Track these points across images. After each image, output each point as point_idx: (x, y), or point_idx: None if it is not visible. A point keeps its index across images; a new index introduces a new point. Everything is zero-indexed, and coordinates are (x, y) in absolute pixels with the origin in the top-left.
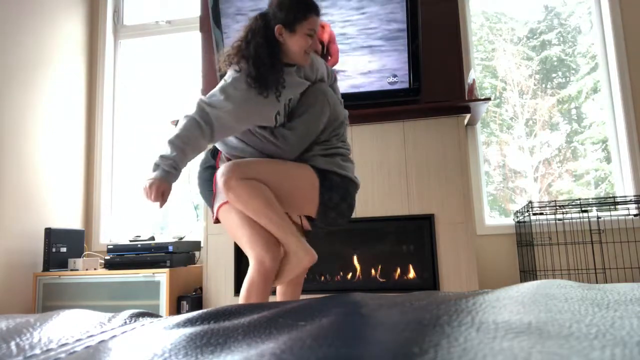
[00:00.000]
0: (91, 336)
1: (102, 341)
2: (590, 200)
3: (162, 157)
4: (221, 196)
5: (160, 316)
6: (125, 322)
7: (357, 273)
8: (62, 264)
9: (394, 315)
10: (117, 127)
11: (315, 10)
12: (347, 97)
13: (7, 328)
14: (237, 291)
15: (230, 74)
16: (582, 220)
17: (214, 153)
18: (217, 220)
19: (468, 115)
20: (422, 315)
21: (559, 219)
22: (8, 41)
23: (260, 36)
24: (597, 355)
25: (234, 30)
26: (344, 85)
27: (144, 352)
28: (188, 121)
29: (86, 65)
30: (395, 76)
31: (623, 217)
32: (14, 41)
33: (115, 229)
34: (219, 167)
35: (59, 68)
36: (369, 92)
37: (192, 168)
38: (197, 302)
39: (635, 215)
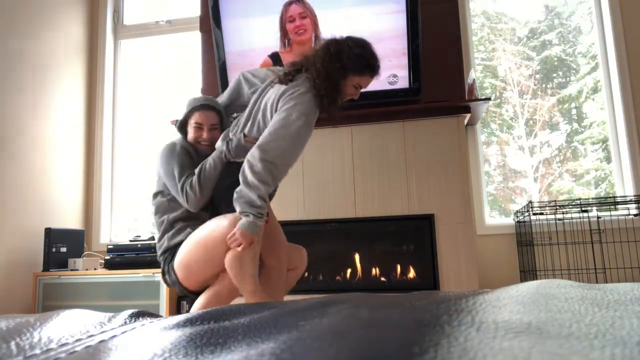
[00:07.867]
0: (91, 336)
1: (102, 341)
2: (590, 200)
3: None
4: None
5: (160, 316)
6: (125, 322)
7: (357, 273)
8: (62, 264)
9: (394, 315)
10: (117, 127)
11: (370, 72)
12: None
13: (7, 328)
14: None
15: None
16: (582, 220)
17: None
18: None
19: (468, 115)
20: (422, 315)
21: (559, 219)
22: (8, 41)
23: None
24: (597, 355)
25: (236, 28)
26: None
27: (144, 352)
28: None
29: (86, 65)
30: (395, 76)
31: (623, 217)
32: (13, 41)
33: (115, 229)
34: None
35: (58, 68)
36: (369, 92)
37: None
38: None
39: (635, 215)
